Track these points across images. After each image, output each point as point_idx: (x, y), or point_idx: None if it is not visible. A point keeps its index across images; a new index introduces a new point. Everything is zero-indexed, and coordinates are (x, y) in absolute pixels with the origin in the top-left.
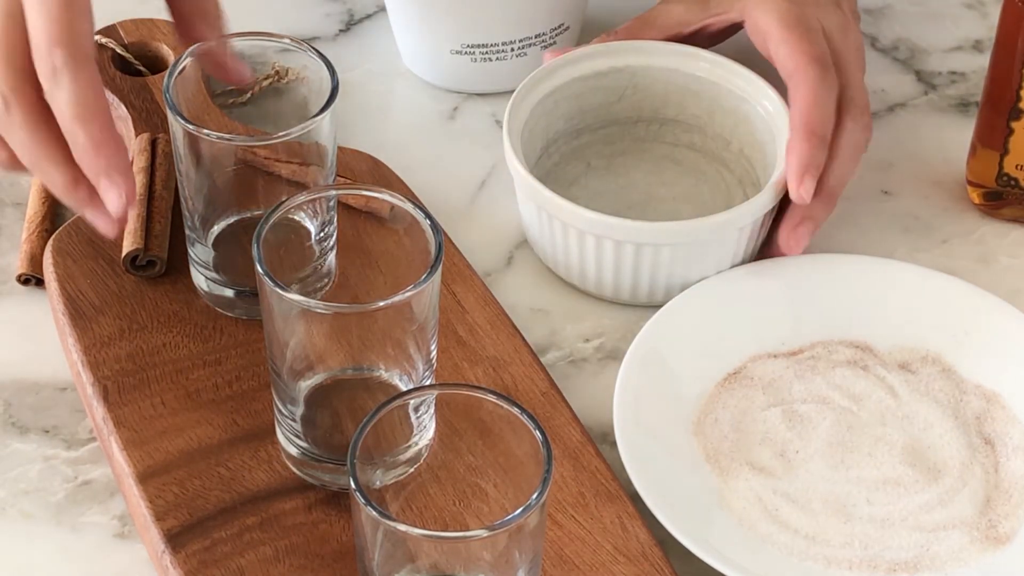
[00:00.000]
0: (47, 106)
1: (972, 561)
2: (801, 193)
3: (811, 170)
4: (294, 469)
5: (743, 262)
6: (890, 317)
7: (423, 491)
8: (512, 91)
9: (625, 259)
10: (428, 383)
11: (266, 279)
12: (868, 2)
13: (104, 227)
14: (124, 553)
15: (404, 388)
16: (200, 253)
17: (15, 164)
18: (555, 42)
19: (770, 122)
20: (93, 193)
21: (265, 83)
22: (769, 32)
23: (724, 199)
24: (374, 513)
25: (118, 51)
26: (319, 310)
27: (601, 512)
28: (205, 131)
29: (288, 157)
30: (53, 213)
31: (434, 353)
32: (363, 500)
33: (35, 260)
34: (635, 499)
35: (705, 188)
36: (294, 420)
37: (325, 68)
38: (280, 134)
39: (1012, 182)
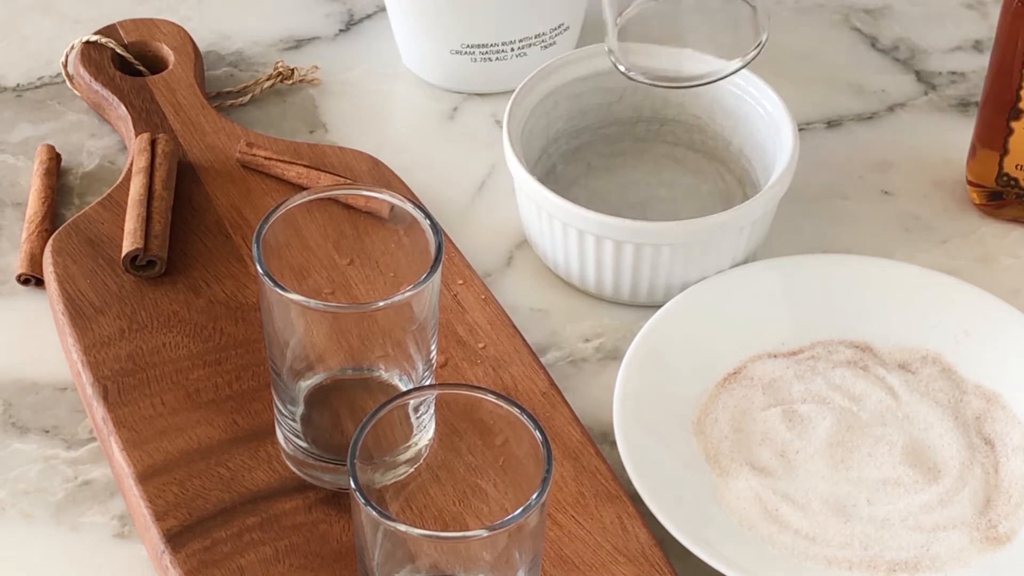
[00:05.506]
0: None
1: (972, 561)
2: None
3: None
4: (294, 469)
5: (743, 262)
6: (890, 317)
7: (423, 491)
8: (512, 91)
9: (625, 259)
10: (428, 383)
11: (266, 279)
12: (868, 2)
13: None
14: (124, 553)
15: (404, 388)
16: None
17: None
18: (555, 42)
19: (770, 122)
20: None
21: (267, 84)
22: None
23: (724, 199)
24: (374, 513)
25: (118, 51)
26: (319, 310)
27: (601, 512)
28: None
29: (294, 159)
30: (53, 213)
31: (434, 353)
32: (363, 500)
33: (35, 260)
34: (635, 499)
35: (705, 188)
36: (294, 420)
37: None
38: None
39: (1012, 182)
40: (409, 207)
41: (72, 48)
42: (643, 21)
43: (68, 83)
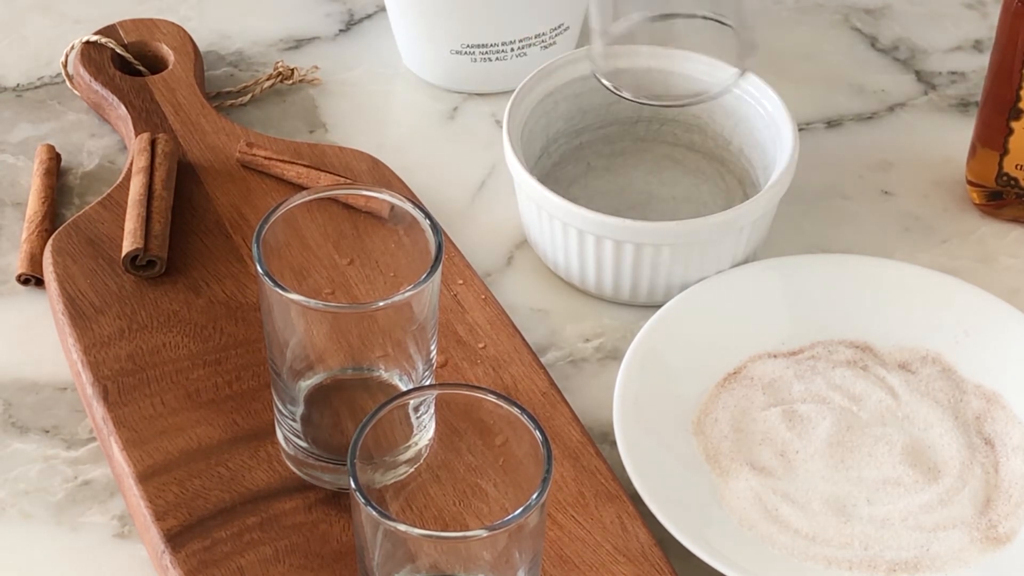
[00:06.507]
0: None
1: (972, 561)
2: None
3: None
4: (294, 469)
5: (743, 262)
6: (890, 317)
7: (423, 491)
8: (512, 91)
9: (625, 259)
10: (428, 383)
11: (266, 279)
12: (868, 2)
13: None
14: (124, 553)
15: (404, 388)
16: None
17: None
18: (555, 42)
19: (770, 122)
20: None
21: (267, 84)
22: None
23: (724, 199)
24: (374, 513)
25: (118, 51)
26: (319, 310)
27: (601, 512)
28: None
29: (294, 159)
30: (53, 213)
31: (434, 353)
32: (363, 500)
33: (35, 260)
34: (635, 499)
35: (705, 188)
36: (294, 420)
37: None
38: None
39: (1012, 182)
40: (409, 207)
41: (72, 48)
42: (630, 37)
43: (68, 83)
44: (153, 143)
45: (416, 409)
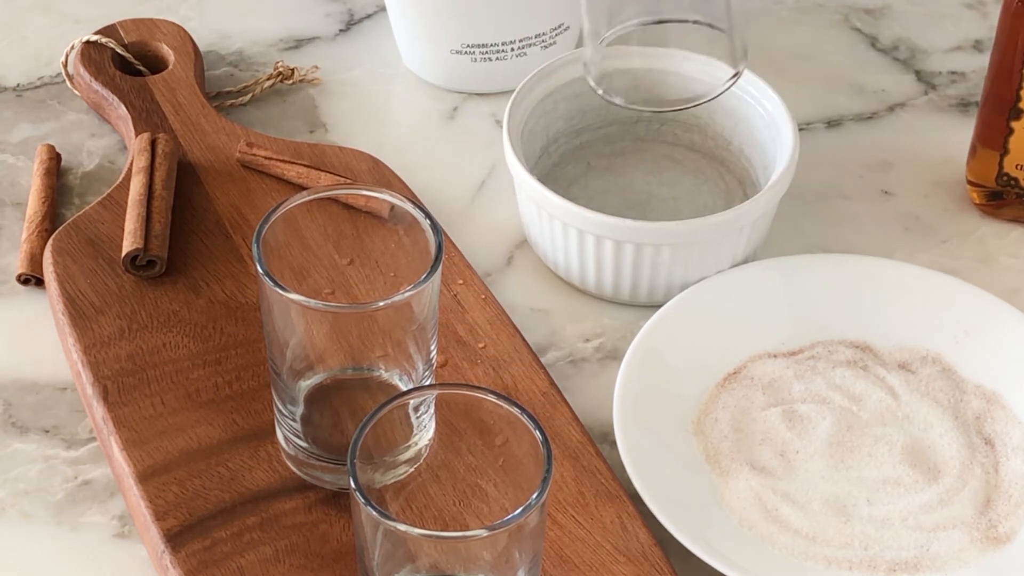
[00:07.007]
0: None
1: (972, 561)
2: None
3: None
4: (294, 469)
5: (743, 262)
6: (890, 317)
7: (423, 491)
8: (512, 91)
9: (625, 259)
10: (428, 383)
11: (266, 279)
12: (868, 2)
13: None
14: (124, 553)
15: (404, 388)
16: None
17: None
18: (555, 42)
19: (770, 122)
20: None
21: (267, 84)
22: None
23: (724, 199)
24: (374, 513)
25: (118, 51)
26: (319, 310)
27: (601, 512)
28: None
29: (294, 159)
30: (53, 213)
31: (434, 353)
32: (363, 500)
33: (35, 260)
34: (635, 499)
35: (705, 188)
36: (294, 420)
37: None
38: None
39: (1012, 182)
40: (409, 207)
41: (72, 48)
42: (624, 42)
43: (68, 83)
44: (153, 143)
45: (416, 409)
